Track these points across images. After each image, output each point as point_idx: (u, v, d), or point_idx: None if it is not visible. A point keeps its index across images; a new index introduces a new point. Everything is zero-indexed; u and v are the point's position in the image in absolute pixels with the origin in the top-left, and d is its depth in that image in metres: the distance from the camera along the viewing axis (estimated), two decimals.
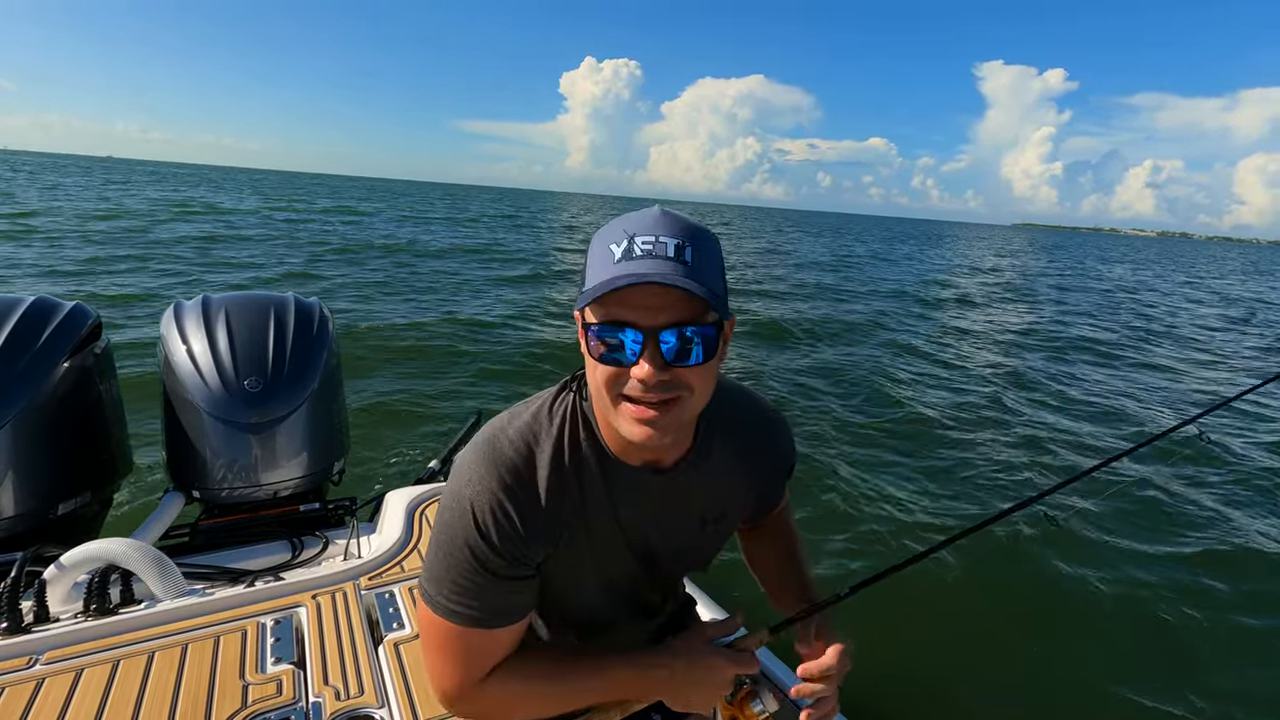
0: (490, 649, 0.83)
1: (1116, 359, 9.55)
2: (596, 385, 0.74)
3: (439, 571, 0.81)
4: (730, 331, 0.77)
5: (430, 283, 11.99)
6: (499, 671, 0.84)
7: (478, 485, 0.78)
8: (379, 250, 16.69)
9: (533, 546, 0.80)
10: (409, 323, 8.51)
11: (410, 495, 2.15)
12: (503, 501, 0.77)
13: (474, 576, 0.79)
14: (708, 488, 0.90)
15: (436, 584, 0.81)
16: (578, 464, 0.82)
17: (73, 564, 1.55)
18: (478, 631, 0.81)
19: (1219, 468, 5.09)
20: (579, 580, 0.89)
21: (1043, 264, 33.59)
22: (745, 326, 9.81)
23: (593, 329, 0.70)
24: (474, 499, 0.78)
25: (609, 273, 0.67)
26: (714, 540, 0.97)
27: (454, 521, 0.79)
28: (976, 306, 14.64)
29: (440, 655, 0.83)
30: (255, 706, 1.27)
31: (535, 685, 0.84)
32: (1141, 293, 20.25)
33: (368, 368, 6.25)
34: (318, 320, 2.25)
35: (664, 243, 0.67)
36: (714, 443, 0.89)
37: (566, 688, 0.85)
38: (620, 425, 0.74)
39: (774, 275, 17.59)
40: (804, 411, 6.09)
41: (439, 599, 0.81)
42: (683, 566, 0.99)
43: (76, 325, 1.93)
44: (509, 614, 0.82)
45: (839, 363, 8.14)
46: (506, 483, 0.78)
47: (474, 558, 0.78)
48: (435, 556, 0.81)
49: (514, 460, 0.79)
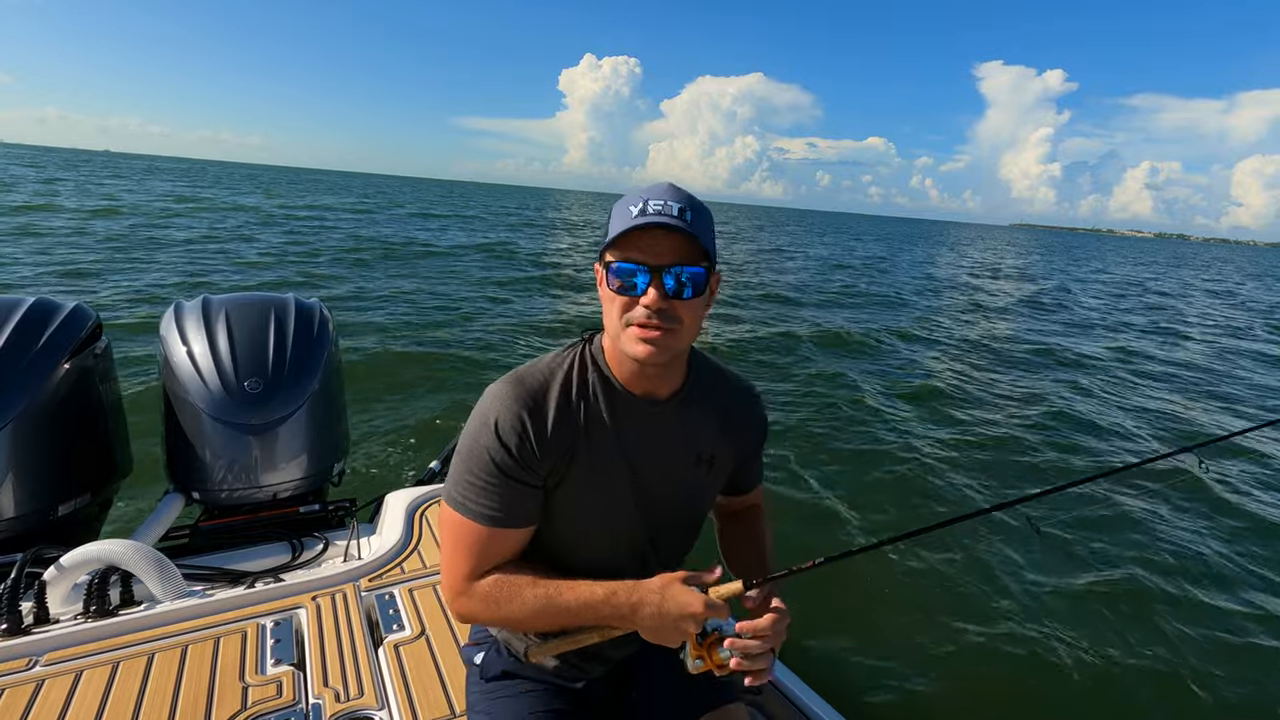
0: (495, 547, 0.96)
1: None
2: (611, 316, 0.92)
3: (461, 475, 0.96)
4: (716, 286, 0.96)
5: (435, 283, 11.99)
6: (494, 572, 0.97)
7: (500, 404, 0.94)
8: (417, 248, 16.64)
9: (544, 455, 0.95)
10: (411, 322, 8.51)
11: (410, 496, 2.15)
12: (520, 415, 0.93)
13: (490, 478, 0.93)
14: (699, 428, 1.05)
15: (459, 486, 0.96)
16: (585, 391, 0.99)
17: (73, 565, 1.55)
18: (487, 529, 0.95)
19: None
20: (584, 517, 1.00)
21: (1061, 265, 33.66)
22: (816, 336, 9.81)
23: (612, 267, 0.90)
24: (497, 414, 0.94)
25: (627, 224, 0.87)
26: (706, 484, 1.09)
27: (478, 432, 0.95)
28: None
29: (454, 549, 0.97)
30: (255, 708, 1.27)
31: (521, 590, 0.95)
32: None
33: (369, 368, 6.27)
34: (318, 321, 2.25)
35: (671, 205, 0.87)
36: (701, 388, 1.06)
37: (544, 594, 0.94)
38: (626, 346, 0.92)
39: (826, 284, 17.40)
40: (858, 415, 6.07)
41: (458, 498, 0.96)
42: (679, 512, 1.09)
43: (77, 326, 1.93)
44: (515, 517, 0.96)
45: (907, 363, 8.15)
46: (525, 401, 0.95)
47: (492, 462, 0.93)
48: (459, 464, 0.96)
49: (532, 385, 0.97)
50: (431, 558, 1.87)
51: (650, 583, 0.94)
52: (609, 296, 0.92)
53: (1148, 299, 20.14)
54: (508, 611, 0.95)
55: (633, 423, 1.00)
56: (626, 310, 0.90)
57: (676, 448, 1.04)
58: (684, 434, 1.04)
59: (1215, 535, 4.20)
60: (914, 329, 11.18)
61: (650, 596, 0.92)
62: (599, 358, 1.01)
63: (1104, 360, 9.80)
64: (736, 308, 12.03)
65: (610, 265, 0.90)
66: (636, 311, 0.89)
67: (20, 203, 19.82)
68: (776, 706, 1.40)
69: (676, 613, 0.91)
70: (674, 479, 1.05)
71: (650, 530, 1.05)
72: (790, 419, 5.85)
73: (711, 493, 1.12)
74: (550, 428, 0.95)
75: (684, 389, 1.03)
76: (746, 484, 1.20)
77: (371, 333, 7.78)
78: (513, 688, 1.13)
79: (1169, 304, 19.20)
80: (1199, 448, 1.39)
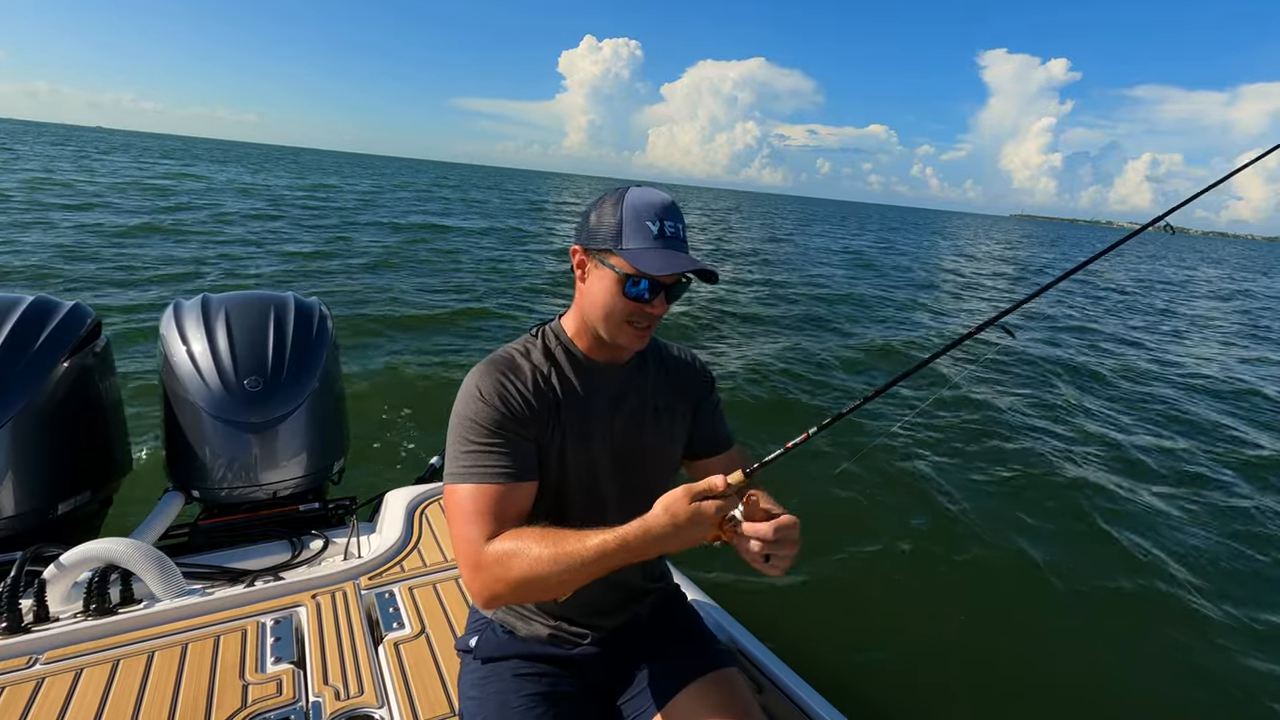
0: (503, 507, 0.99)
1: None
2: (611, 310, 1.03)
3: (456, 450, 1.01)
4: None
5: (437, 278, 11.97)
6: (504, 534, 0.97)
7: (479, 377, 1.04)
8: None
9: (531, 413, 1.04)
10: (413, 324, 8.51)
11: (410, 495, 2.15)
12: (500, 379, 1.04)
13: (486, 439, 1.00)
14: (651, 383, 1.19)
15: (457, 460, 1.01)
16: (555, 363, 1.11)
17: (72, 563, 1.55)
18: (492, 488, 0.99)
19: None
20: (572, 472, 1.09)
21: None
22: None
23: (630, 279, 0.99)
24: (479, 384, 1.03)
25: (649, 244, 0.98)
26: (670, 432, 1.20)
27: (464, 405, 1.03)
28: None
29: (464, 520, 0.99)
30: (255, 706, 1.27)
31: (531, 544, 0.94)
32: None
33: (369, 367, 6.27)
34: (317, 320, 2.25)
35: (677, 227, 1.01)
36: (649, 353, 1.22)
37: (554, 549, 0.92)
38: (621, 338, 1.06)
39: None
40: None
41: (457, 470, 1.00)
42: (652, 461, 1.18)
43: (76, 325, 1.93)
44: (518, 470, 1.01)
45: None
46: (504, 372, 1.06)
47: (485, 424, 1.00)
48: (453, 444, 1.02)
49: (508, 361, 1.08)
50: (431, 556, 1.87)
51: (666, 507, 0.92)
52: (613, 294, 1.02)
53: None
54: (521, 572, 0.92)
55: (600, 385, 1.13)
56: (631, 312, 1.03)
57: (638, 403, 1.17)
58: (642, 391, 1.18)
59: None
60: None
61: (649, 516, 0.91)
62: (561, 335, 1.14)
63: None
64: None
65: (629, 278, 0.99)
66: (641, 316, 1.03)
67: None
68: (776, 706, 1.40)
69: (687, 518, 0.89)
70: (641, 430, 1.16)
71: (630, 480, 1.15)
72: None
73: (678, 439, 1.22)
74: (530, 390, 1.05)
75: (636, 355, 1.17)
76: (716, 442, 1.26)
77: (372, 332, 7.77)
78: (506, 668, 1.15)
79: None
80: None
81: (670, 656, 1.20)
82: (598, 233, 1.01)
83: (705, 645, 1.25)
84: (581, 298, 1.08)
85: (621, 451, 1.14)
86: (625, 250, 0.98)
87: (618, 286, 1.01)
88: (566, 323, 1.14)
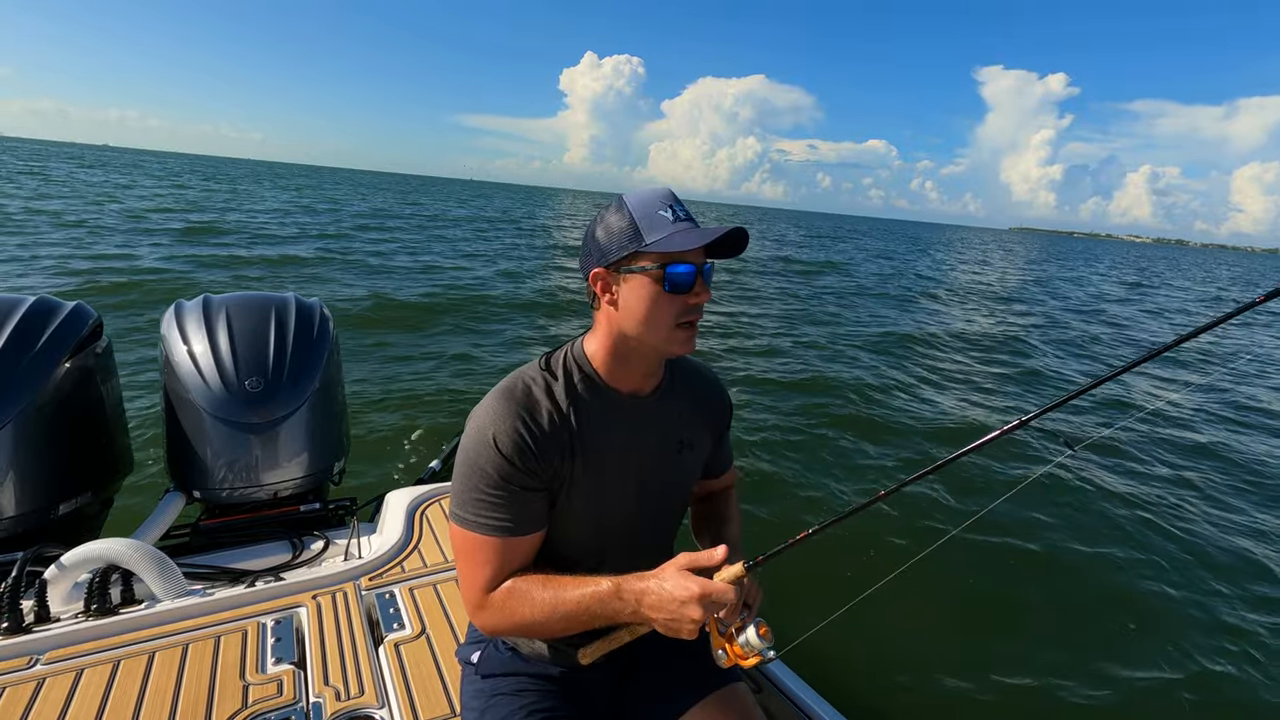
0: (509, 557, 0.99)
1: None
2: (659, 317, 0.95)
3: (467, 494, 0.98)
4: None
5: (437, 283, 11.98)
6: (507, 581, 0.99)
7: (495, 419, 0.97)
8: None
9: (545, 460, 0.98)
10: (412, 321, 8.51)
11: (411, 495, 2.15)
12: (517, 426, 0.96)
13: (497, 492, 0.96)
14: (679, 417, 1.12)
15: (466, 505, 0.98)
16: (576, 395, 1.02)
17: (73, 564, 1.55)
18: (499, 540, 0.98)
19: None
20: (584, 510, 1.04)
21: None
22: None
23: (670, 269, 0.92)
24: (494, 429, 0.96)
25: (672, 228, 0.92)
26: (689, 468, 1.15)
27: (477, 449, 0.97)
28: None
29: (469, 565, 1.00)
30: (256, 707, 1.27)
31: (532, 593, 0.97)
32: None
33: (370, 367, 6.28)
34: (318, 320, 2.25)
35: (686, 210, 0.96)
36: (676, 380, 1.13)
37: (553, 593, 0.96)
38: (674, 346, 0.98)
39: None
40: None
41: (466, 516, 0.98)
42: (667, 497, 1.14)
43: (77, 325, 1.93)
44: (525, 524, 0.99)
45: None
46: (519, 413, 0.97)
47: (497, 475, 0.96)
48: (463, 483, 0.99)
49: (523, 396, 0.99)
50: (432, 557, 1.87)
51: (654, 571, 0.95)
52: (653, 298, 0.94)
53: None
54: (522, 616, 0.97)
55: (623, 418, 1.05)
56: (678, 312, 0.95)
57: (663, 437, 1.09)
58: (668, 424, 1.10)
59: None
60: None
61: (652, 584, 0.93)
62: (583, 363, 1.04)
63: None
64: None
65: (667, 269, 0.93)
66: (689, 311, 0.96)
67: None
68: (776, 706, 1.40)
69: (679, 595, 0.89)
70: (663, 466, 1.10)
71: (642, 517, 1.10)
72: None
73: (694, 475, 1.17)
74: (547, 433, 0.98)
75: (664, 383, 1.10)
76: (721, 465, 1.26)
77: (372, 332, 7.78)
78: (509, 685, 1.13)
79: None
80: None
81: (675, 673, 1.18)
82: (612, 245, 0.94)
83: (711, 660, 1.22)
84: (610, 321, 0.99)
85: (638, 485, 1.08)
86: (651, 244, 0.92)
87: (657, 286, 0.94)
88: (590, 349, 1.04)
